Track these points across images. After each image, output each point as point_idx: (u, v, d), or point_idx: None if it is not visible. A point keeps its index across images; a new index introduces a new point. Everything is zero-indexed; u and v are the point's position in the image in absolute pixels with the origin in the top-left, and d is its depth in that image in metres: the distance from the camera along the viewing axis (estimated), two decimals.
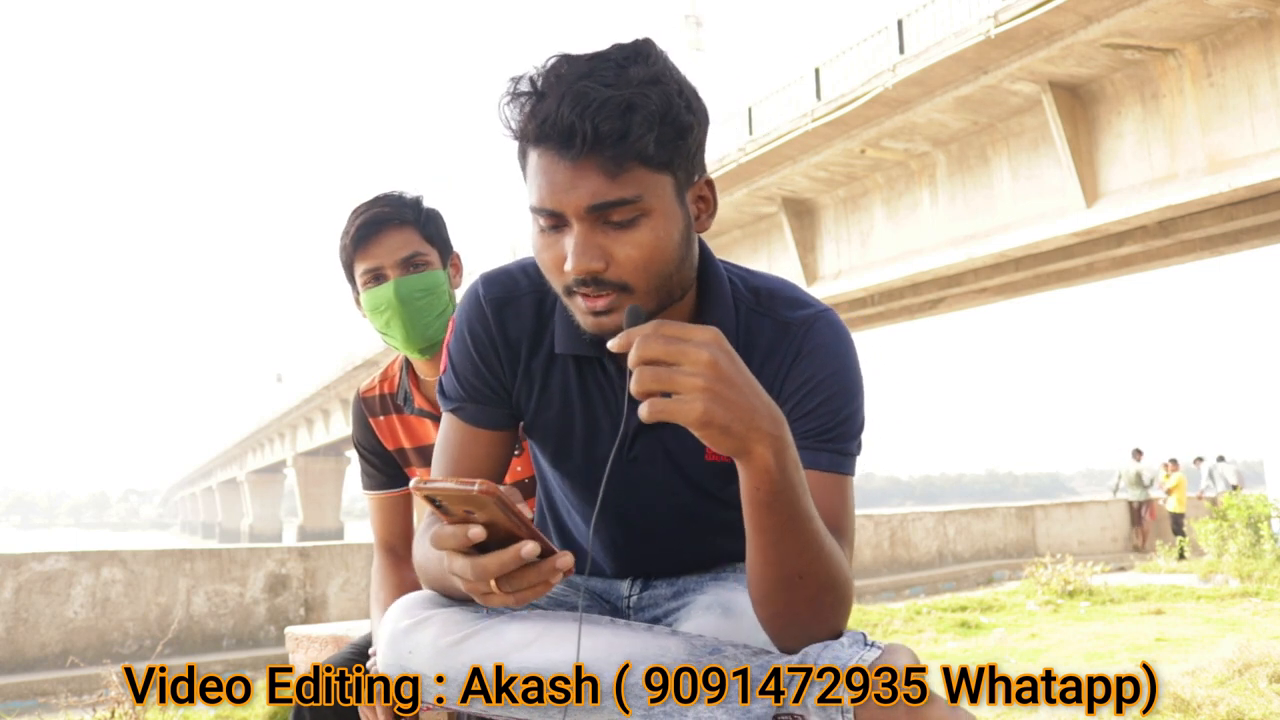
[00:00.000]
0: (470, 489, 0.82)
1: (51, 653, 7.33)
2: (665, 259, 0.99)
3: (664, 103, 0.95)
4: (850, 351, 1.10)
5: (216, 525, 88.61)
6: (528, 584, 0.86)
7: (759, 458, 0.86)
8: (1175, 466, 15.77)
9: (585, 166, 0.94)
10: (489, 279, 1.16)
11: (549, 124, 0.94)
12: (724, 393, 0.82)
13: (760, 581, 0.95)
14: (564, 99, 0.93)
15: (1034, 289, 18.38)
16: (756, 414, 0.85)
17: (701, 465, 1.14)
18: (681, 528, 1.19)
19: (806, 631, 0.96)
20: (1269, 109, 11.61)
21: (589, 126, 0.92)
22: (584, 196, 0.95)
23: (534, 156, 0.98)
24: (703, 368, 0.82)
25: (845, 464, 1.06)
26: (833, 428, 1.05)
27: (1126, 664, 4.67)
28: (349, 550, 9.06)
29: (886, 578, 12.48)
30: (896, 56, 14.26)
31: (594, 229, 0.96)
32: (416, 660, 1.03)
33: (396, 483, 1.83)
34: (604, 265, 0.96)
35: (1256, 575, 8.49)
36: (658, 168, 0.97)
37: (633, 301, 0.98)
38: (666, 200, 0.99)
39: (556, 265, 0.99)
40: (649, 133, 0.94)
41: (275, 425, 55.10)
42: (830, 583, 0.95)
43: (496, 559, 0.85)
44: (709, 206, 1.06)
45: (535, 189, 0.98)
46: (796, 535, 0.91)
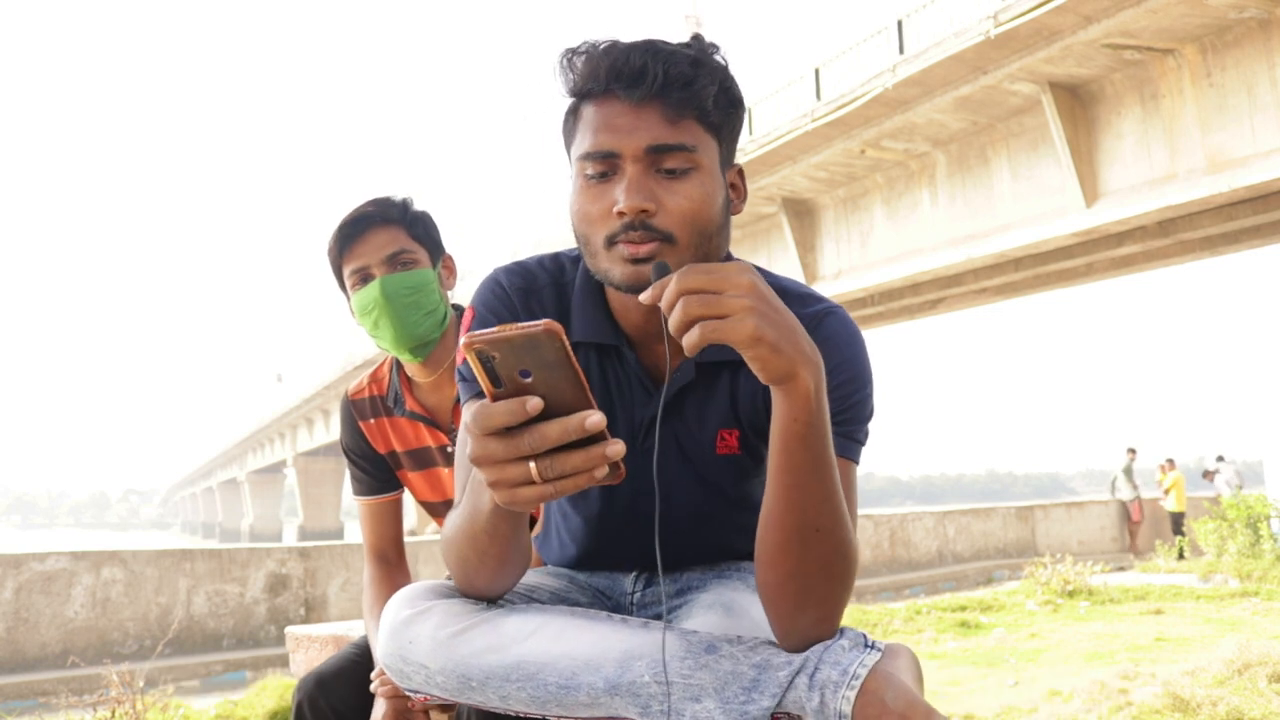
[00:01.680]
0: (535, 329, 0.73)
1: (52, 652, 7.34)
2: (709, 218, 1.02)
3: (724, 69, 1.03)
4: (860, 345, 1.10)
5: (217, 525, 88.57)
6: (573, 468, 0.78)
7: (802, 382, 0.86)
8: (1172, 466, 15.78)
9: (648, 110, 0.99)
10: (509, 270, 1.17)
11: (620, 63, 0.99)
12: (770, 313, 0.83)
13: (778, 531, 0.93)
14: (635, 47, 1.00)
15: (1034, 289, 18.37)
16: (799, 335, 0.86)
17: (713, 459, 1.14)
18: (689, 523, 1.18)
19: (812, 602, 0.94)
20: (1269, 109, 11.61)
21: (660, 69, 0.98)
22: (644, 137, 0.99)
23: (590, 109, 1.02)
24: (747, 289, 0.82)
25: (853, 450, 1.07)
26: (843, 411, 1.06)
27: (1126, 664, 4.67)
28: (349, 550, 9.07)
29: (886, 578, 12.49)
30: (896, 57, 14.25)
31: (647, 173, 1.00)
32: (416, 651, 1.02)
33: (388, 488, 1.79)
34: (654, 207, 0.99)
35: (1256, 575, 8.49)
36: (710, 128, 1.02)
37: (674, 254, 1.00)
38: (714, 163, 1.03)
39: (604, 213, 1.01)
40: (711, 86, 1.00)
41: (275, 425, 55.05)
42: (842, 548, 0.94)
43: (560, 425, 0.76)
44: (740, 193, 1.11)
45: (591, 134, 1.01)
46: (821, 481, 0.91)
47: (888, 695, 0.90)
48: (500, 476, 0.79)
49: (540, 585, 1.20)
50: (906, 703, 0.90)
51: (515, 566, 1.03)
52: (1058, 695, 4.03)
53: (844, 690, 0.90)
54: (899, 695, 0.90)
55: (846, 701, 0.89)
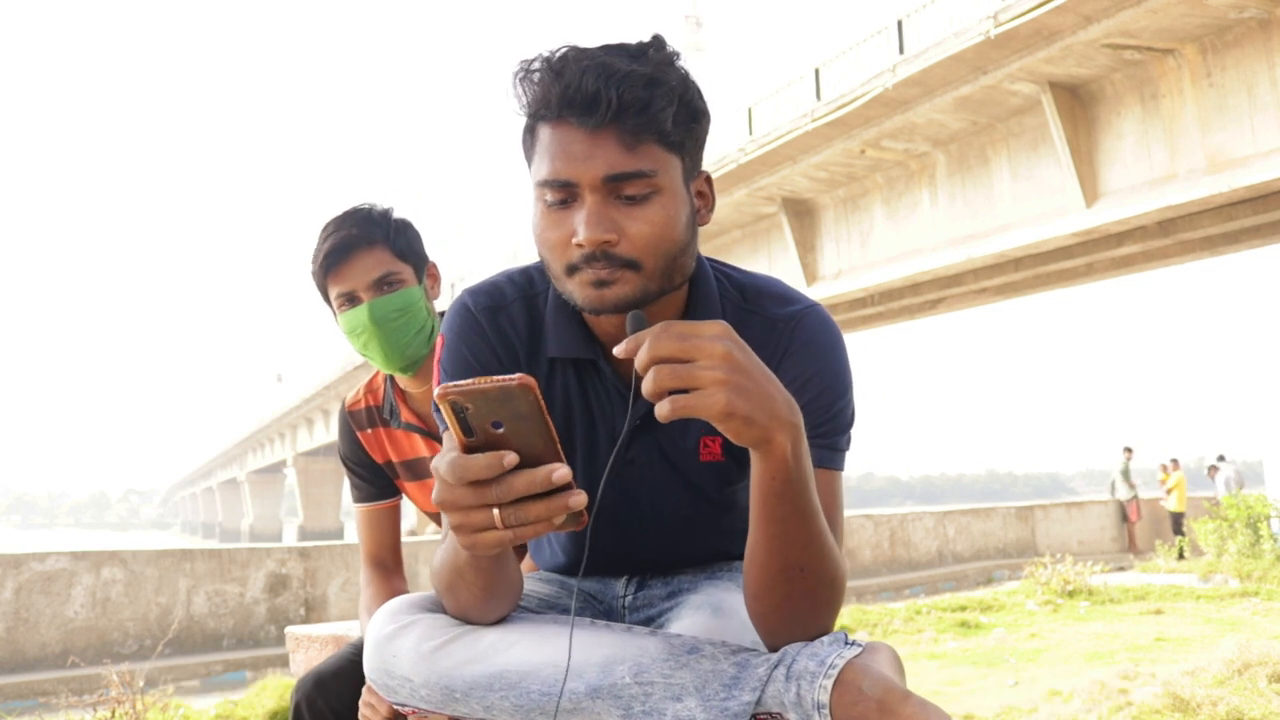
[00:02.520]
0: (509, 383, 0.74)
1: (52, 652, 7.34)
2: (673, 239, 0.99)
3: (682, 84, 0.98)
4: (839, 346, 1.10)
5: (217, 525, 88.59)
6: (535, 516, 0.79)
7: (778, 446, 0.85)
8: (1175, 466, 15.78)
9: (604, 137, 0.95)
10: (475, 291, 1.15)
11: (572, 91, 0.94)
12: (743, 383, 0.81)
13: (761, 573, 0.94)
14: (587, 71, 0.94)
15: (1034, 289, 18.37)
16: (775, 402, 0.84)
17: (697, 466, 1.13)
18: (677, 529, 1.18)
19: (799, 626, 0.95)
20: (1269, 109, 11.61)
21: (613, 95, 0.93)
22: (601, 165, 0.95)
23: (547, 132, 0.98)
24: (719, 360, 0.81)
25: (836, 459, 1.06)
26: (823, 423, 1.05)
27: (1126, 664, 4.67)
28: (349, 550, 9.06)
29: (886, 577, 12.49)
30: (896, 57, 14.25)
31: (606, 201, 0.96)
32: (400, 665, 1.03)
33: (386, 495, 1.82)
34: (616, 238, 0.96)
35: (1256, 575, 8.49)
36: (671, 147, 0.98)
37: (639, 279, 0.98)
38: (676, 182, 1.00)
39: (563, 242, 0.98)
40: (668, 108, 0.96)
41: (275, 425, 55.06)
42: (829, 578, 0.95)
43: (526, 478, 0.78)
44: (708, 202, 1.07)
45: (548, 161, 0.97)
46: (803, 526, 0.91)
47: (864, 684, 0.89)
48: (464, 521, 0.81)
49: (530, 592, 1.20)
50: (884, 689, 0.88)
51: (504, 597, 1.03)
52: (1058, 695, 4.03)
53: (820, 680, 0.89)
54: (876, 683, 0.89)
55: (824, 691, 0.88)
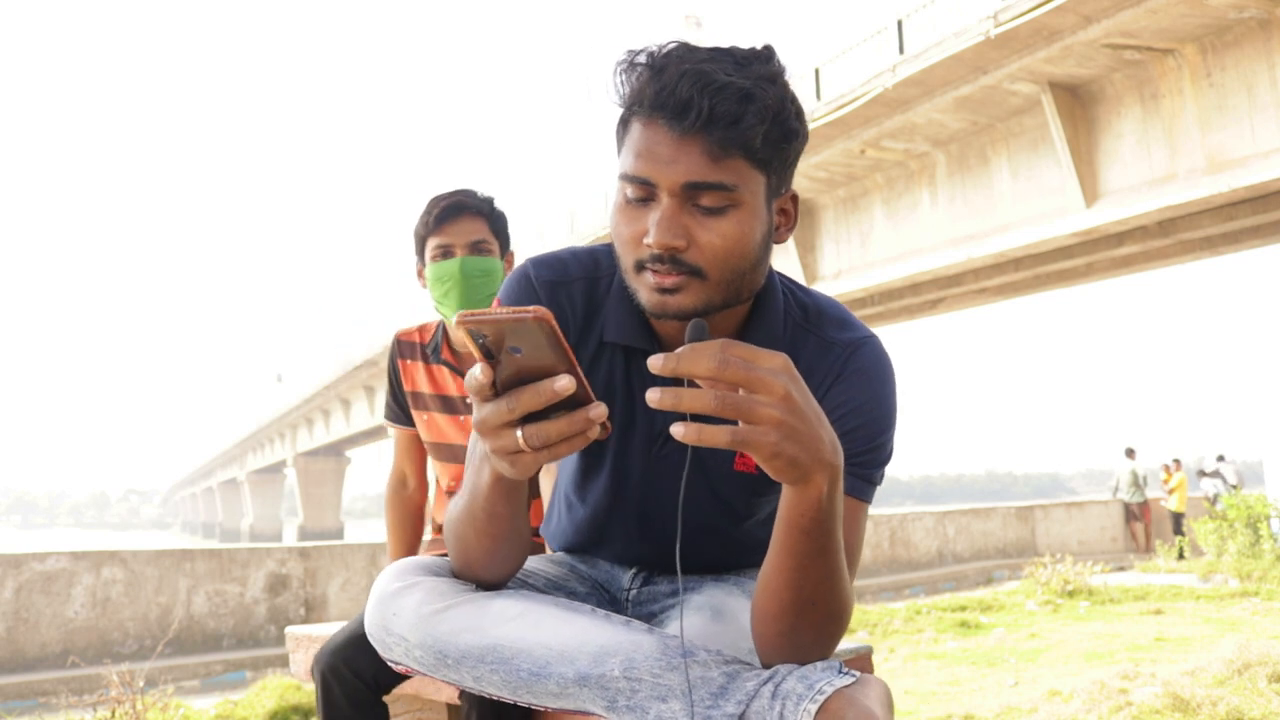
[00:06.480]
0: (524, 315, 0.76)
1: (52, 652, 7.34)
2: (744, 255, 0.99)
3: (779, 103, 0.97)
4: (890, 381, 1.09)
5: (217, 525, 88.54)
6: (558, 434, 0.80)
7: (815, 486, 0.85)
8: (1178, 467, 15.78)
9: (690, 143, 0.95)
10: (539, 261, 1.15)
11: (666, 93, 0.94)
12: (797, 426, 0.80)
13: (774, 601, 0.93)
14: (685, 75, 0.94)
15: (1034, 289, 18.39)
16: (822, 445, 0.83)
17: (730, 474, 1.13)
18: (695, 535, 1.17)
19: (799, 653, 0.95)
20: (1268, 109, 11.60)
21: (706, 104, 0.93)
22: (682, 172, 0.95)
23: (638, 127, 0.98)
24: (778, 400, 0.79)
25: (867, 491, 1.06)
26: (862, 454, 1.05)
27: (1126, 664, 4.67)
28: (349, 550, 9.07)
29: (886, 577, 12.50)
30: (896, 57, 14.25)
31: (682, 208, 0.97)
32: (399, 624, 1.04)
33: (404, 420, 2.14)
34: (685, 244, 0.96)
35: (1256, 575, 8.48)
36: (757, 164, 0.98)
37: (703, 289, 0.99)
38: (757, 199, 0.99)
39: (635, 238, 0.99)
40: (760, 125, 0.95)
41: (275, 425, 55.06)
42: (839, 612, 0.94)
43: (532, 390, 0.79)
44: (789, 220, 1.07)
45: (632, 157, 0.98)
46: (824, 562, 0.90)
47: (848, 715, 0.86)
48: (496, 444, 0.83)
49: (537, 570, 1.20)
50: None
51: (511, 554, 1.04)
52: (1058, 695, 4.03)
53: (806, 704, 0.87)
54: (860, 715, 0.86)
55: (807, 715, 0.87)
